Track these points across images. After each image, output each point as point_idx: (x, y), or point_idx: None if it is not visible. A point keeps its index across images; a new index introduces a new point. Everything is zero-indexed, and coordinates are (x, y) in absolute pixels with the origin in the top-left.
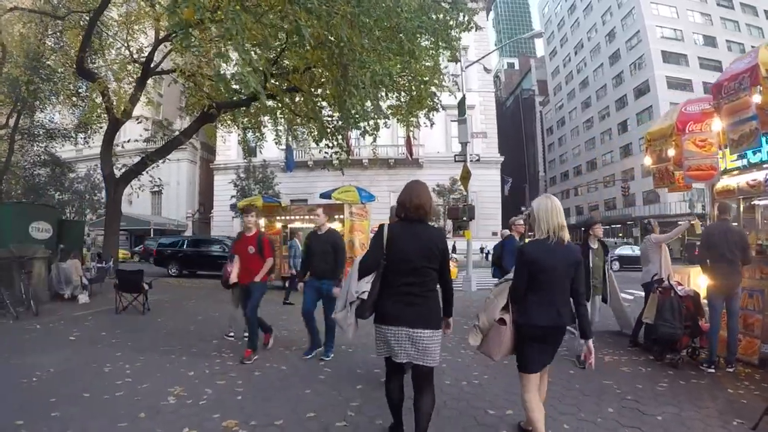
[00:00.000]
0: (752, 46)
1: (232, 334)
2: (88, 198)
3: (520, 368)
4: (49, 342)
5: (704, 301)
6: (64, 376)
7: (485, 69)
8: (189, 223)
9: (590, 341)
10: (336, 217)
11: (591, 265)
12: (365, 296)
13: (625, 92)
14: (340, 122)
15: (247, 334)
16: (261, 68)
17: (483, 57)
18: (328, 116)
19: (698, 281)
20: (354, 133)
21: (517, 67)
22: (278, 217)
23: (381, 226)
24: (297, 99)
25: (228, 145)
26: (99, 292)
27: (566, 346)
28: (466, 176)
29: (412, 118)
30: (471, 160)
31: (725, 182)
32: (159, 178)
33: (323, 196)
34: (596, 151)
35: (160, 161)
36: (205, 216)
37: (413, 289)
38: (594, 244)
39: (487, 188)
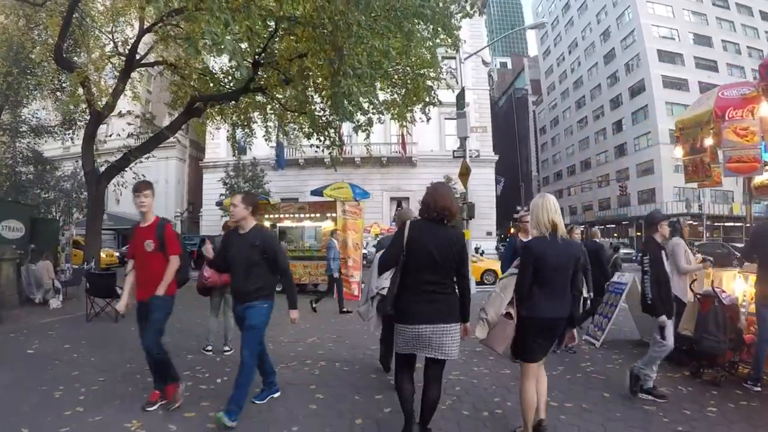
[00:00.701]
0: (747, 47)
1: (210, 348)
2: (75, 197)
3: (521, 358)
4: (2, 357)
5: (742, 309)
6: (6, 403)
7: (483, 62)
8: (178, 222)
9: (575, 330)
10: (328, 215)
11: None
12: (384, 292)
13: (620, 91)
14: (332, 116)
15: (226, 349)
16: (241, 35)
17: (482, 49)
18: (321, 109)
19: (732, 286)
20: (346, 129)
21: (509, 66)
22: (267, 216)
23: (403, 224)
24: (288, 92)
25: (217, 142)
26: (75, 296)
27: (589, 360)
28: (465, 173)
29: (407, 114)
30: (470, 156)
31: (764, 177)
32: (143, 175)
33: (314, 193)
34: (590, 150)
35: (144, 157)
36: (194, 215)
37: (433, 287)
38: None
39: (481, 187)
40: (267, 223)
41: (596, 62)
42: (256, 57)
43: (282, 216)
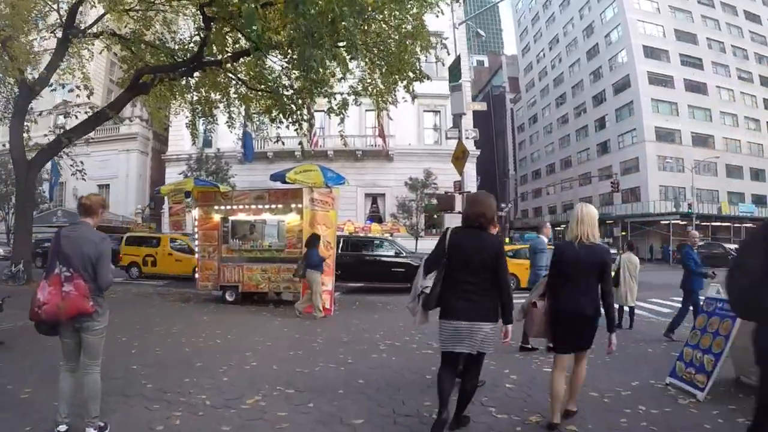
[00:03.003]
0: (732, 45)
1: (63, 429)
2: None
3: (552, 349)
4: None
5: None
6: None
7: (478, 33)
8: (138, 219)
9: (614, 334)
10: (293, 205)
11: None
12: (428, 290)
13: (603, 88)
14: (298, 75)
15: None
16: None
17: (471, 17)
18: (288, 85)
19: None
20: (319, 120)
21: (486, 65)
22: (216, 207)
23: (446, 230)
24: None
25: (181, 134)
26: None
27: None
28: (461, 156)
29: (387, 95)
30: (466, 138)
31: None
32: (81, 161)
33: (275, 177)
34: (571, 148)
35: (105, 150)
36: (156, 211)
37: (472, 287)
38: None
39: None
40: (217, 216)
41: (578, 58)
42: (205, 10)
43: (235, 207)
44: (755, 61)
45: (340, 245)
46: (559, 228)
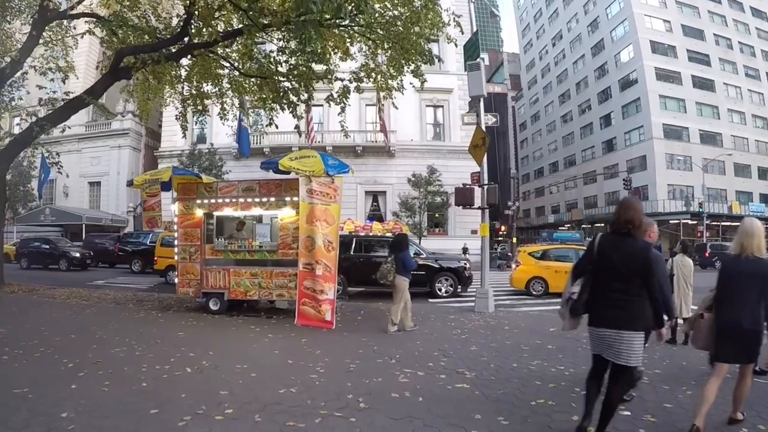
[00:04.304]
0: (739, 42)
1: None
2: (22, 190)
3: (713, 357)
4: None
5: None
6: None
7: (492, 13)
8: (130, 218)
9: None
10: (287, 198)
11: None
12: (575, 297)
13: (609, 84)
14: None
15: None
16: None
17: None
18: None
19: None
20: (317, 116)
21: (486, 62)
22: (199, 201)
23: (594, 236)
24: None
25: (174, 129)
26: None
27: None
28: (480, 144)
29: (392, 80)
30: (486, 124)
31: None
32: (57, 153)
33: (267, 165)
34: (575, 146)
35: (95, 145)
36: None
37: (618, 294)
38: None
39: (465, 182)
40: (199, 212)
41: (583, 54)
42: None
43: (221, 201)
44: (762, 59)
45: (352, 246)
46: (563, 228)
